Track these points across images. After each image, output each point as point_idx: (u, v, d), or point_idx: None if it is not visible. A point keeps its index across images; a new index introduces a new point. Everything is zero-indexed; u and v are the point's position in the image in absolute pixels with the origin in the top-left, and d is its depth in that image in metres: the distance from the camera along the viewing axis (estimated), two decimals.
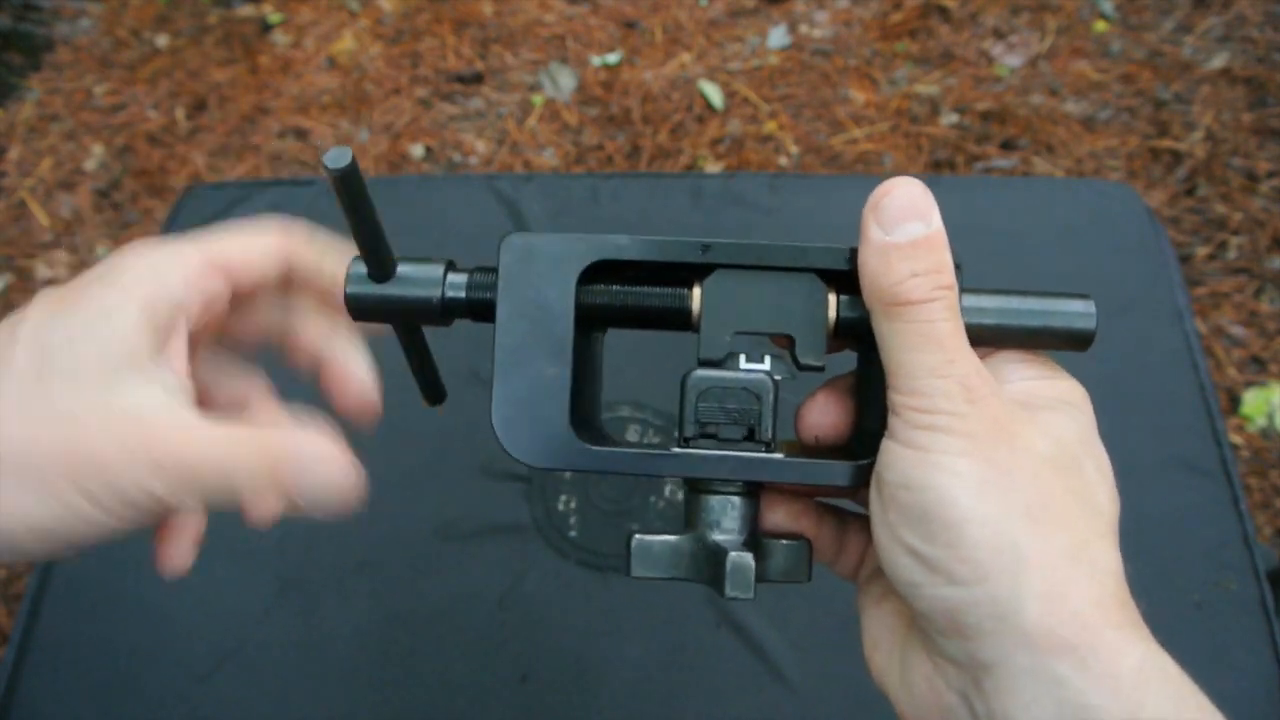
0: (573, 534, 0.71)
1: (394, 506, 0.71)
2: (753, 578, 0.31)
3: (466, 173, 1.65)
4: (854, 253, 0.31)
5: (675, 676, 0.66)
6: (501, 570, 0.70)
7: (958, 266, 0.30)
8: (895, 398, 0.29)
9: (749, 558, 0.31)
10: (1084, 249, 0.83)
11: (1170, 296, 0.80)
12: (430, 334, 0.37)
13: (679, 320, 0.33)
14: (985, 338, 0.31)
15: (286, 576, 0.70)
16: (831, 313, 0.32)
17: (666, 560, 0.33)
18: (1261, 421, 1.33)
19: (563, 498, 0.73)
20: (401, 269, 0.34)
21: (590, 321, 0.34)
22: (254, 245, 0.35)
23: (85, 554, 0.31)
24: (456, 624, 0.68)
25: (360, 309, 0.34)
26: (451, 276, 0.34)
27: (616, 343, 0.39)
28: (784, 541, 0.34)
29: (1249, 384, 1.37)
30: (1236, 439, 1.32)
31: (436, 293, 0.34)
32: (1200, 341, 0.78)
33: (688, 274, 0.33)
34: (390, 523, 0.71)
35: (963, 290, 0.31)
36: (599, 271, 0.33)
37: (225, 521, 0.34)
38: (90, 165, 1.76)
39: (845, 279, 0.32)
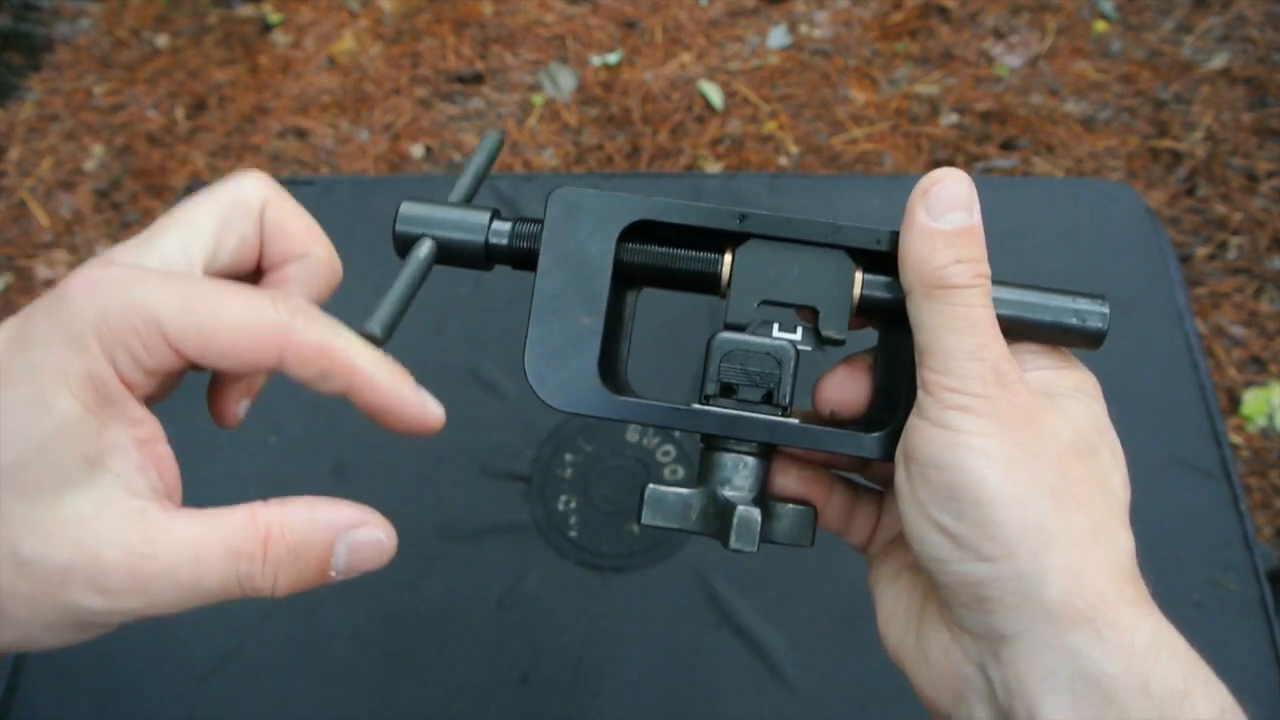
0: (573, 534, 0.71)
1: (394, 506, 0.71)
2: (757, 532, 0.32)
3: None
4: (893, 236, 0.32)
5: (675, 676, 0.66)
6: (501, 570, 0.70)
7: None
8: (929, 376, 0.30)
9: (756, 513, 0.32)
10: (1084, 249, 0.83)
11: (1170, 296, 0.80)
12: (428, 335, 0.37)
13: (709, 284, 0.35)
14: (1001, 328, 0.32)
15: None
16: (857, 290, 0.33)
17: (678, 511, 0.34)
18: (1261, 421, 1.33)
19: (563, 498, 0.72)
20: (448, 214, 0.35)
21: (625, 279, 0.35)
22: (239, 334, 0.27)
23: None
24: (456, 624, 0.68)
25: (405, 247, 0.35)
26: (496, 224, 0.35)
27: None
28: (791, 506, 0.35)
29: (1249, 384, 1.37)
30: (1236, 439, 1.32)
31: (480, 238, 0.35)
32: (1200, 341, 0.78)
33: (721, 241, 0.34)
34: (390, 522, 0.71)
35: None
36: (638, 231, 0.34)
37: None
38: (90, 165, 1.76)
39: (873, 259, 0.33)
